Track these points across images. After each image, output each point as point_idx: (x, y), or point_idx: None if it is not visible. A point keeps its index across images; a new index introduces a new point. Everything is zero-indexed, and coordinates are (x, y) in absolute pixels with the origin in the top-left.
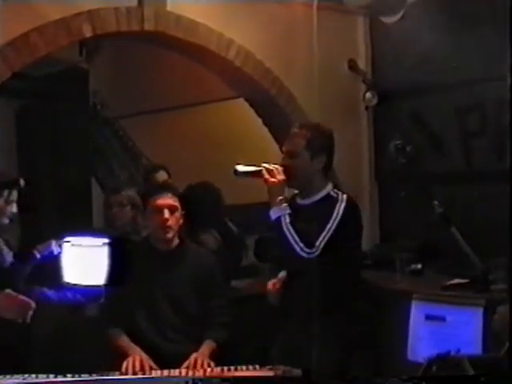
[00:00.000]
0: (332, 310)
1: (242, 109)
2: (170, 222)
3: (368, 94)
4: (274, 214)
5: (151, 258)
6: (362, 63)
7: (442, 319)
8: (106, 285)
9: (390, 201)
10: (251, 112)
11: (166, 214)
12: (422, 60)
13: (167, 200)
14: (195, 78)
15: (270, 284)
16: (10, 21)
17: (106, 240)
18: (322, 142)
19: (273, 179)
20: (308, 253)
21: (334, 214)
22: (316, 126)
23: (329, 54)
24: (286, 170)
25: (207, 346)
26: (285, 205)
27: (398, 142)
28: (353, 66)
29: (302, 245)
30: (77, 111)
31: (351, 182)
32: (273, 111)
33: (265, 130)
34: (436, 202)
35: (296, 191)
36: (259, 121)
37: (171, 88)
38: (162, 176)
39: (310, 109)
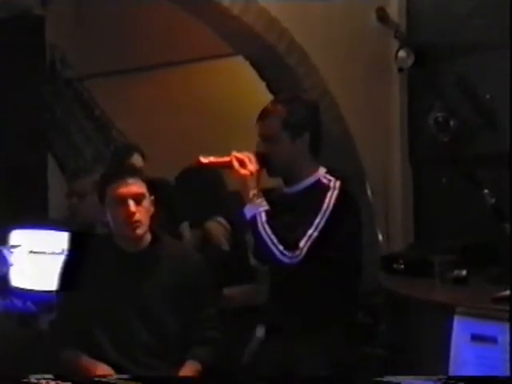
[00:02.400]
0: (319, 328)
1: (241, 69)
2: (137, 216)
3: (401, 53)
4: (248, 211)
5: (116, 260)
6: (393, 13)
7: (492, 340)
8: (60, 291)
9: (427, 189)
10: (252, 74)
11: (132, 205)
12: (473, 9)
13: (131, 187)
14: (180, 29)
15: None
16: None
17: (64, 235)
18: (302, 118)
19: (244, 170)
20: (289, 257)
21: (324, 206)
22: (292, 98)
23: (352, 0)
24: (264, 158)
25: (189, 368)
26: (260, 200)
27: (439, 115)
28: (382, 16)
29: (281, 247)
30: (29, 70)
31: (377, 165)
32: (280, 73)
33: (269, 97)
34: (486, 191)
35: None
36: (262, 85)
37: (150, 42)
38: (135, 159)
39: (328, 71)
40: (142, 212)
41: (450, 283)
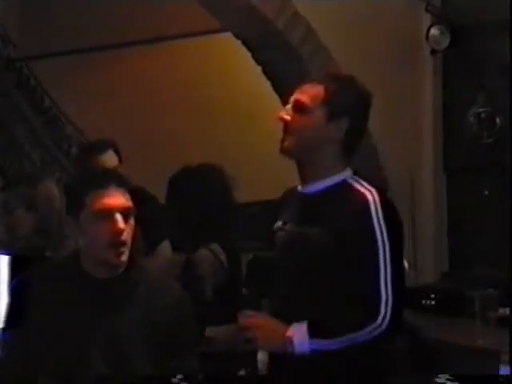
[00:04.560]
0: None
1: (230, 49)
2: (125, 235)
3: (434, 31)
4: (300, 346)
5: (81, 289)
6: None
7: None
8: (4, 329)
9: (465, 204)
10: (244, 55)
11: (119, 219)
12: None
13: (118, 198)
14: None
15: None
16: None
17: (4, 258)
18: (349, 102)
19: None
20: (374, 331)
21: (377, 236)
22: (347, 77)
23: None
24: (288, 128)
25: None
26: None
27: (482, 110)
28: None
29: (359, 333)
30: None
31: (403, 174)
32: (279, 54)
33: (266, 83)
34: None
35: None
36: (257, 69)
37: (116, 16)
38: (109, 159)
39: (342, 52)
40: (128, 232)
41: (492, 324)
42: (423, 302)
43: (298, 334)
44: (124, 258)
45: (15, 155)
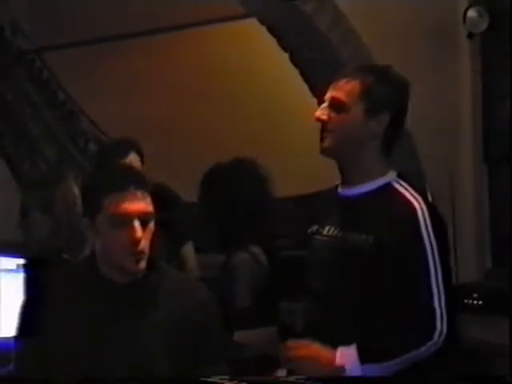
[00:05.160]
0: None
1: (254, 36)
2: (143, 243)
3: (472, 13)
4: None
5: (99, 294)
6: None
7: None
8: (17, 338)
9: (508, 195)
10: (269, 41)
11: (138, 228)
12: None
13: (138, 203)
14: None
15: None
16: None
17: (20, 262)
18: (388, 95)
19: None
20: (431, 347)
21: (427, 249)
22: (383, 68)
23: None
24: (326, 127)
25: None
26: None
27: None
28: None
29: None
30: None
31: (442, 165)
32: (307, 40)
33: (291, 70)
34: None
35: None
36: (284, 56)
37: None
38: (134, 161)
39: (373, 37)
40: (147, 238)
41: None
42: (465, 301)
43: (349, 362)
44: (142, 265)
45: (29, 152)
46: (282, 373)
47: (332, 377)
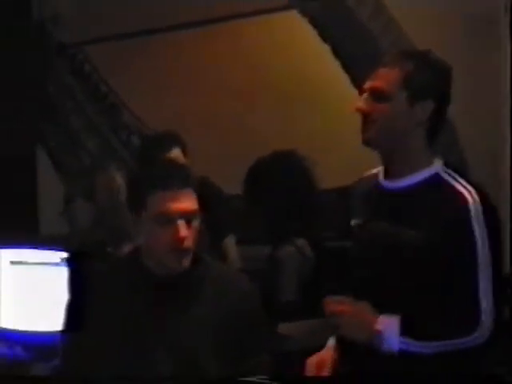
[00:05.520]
0: None
1: (295, 28)
2: (187, 241)
3: None
4: (390, 342)
5: (143, 287)
6: None
7: None
8: (63, 332)
9: None
10: (310, 33)
11: (182, 226)
12: None
13: (183, 201)
14: None
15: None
16: None
17: (64, 255)
18: (428, 79)
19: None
20: (473, 341)
21: (478, 247)
22: (423, 54)
23: None
24: (368, 117)
25: None
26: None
27: None
28: None
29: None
30: (8, 31)
31: (486, 157)
32: (348, 32)
33: (333, 62)
34: None
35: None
36: (324, 47)
37: None
38: (177, 155)
39: (414, 26)
40: (191, 235)
41: None
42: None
43: (389, 329)
44: (186, 262)
45: (71, 145)
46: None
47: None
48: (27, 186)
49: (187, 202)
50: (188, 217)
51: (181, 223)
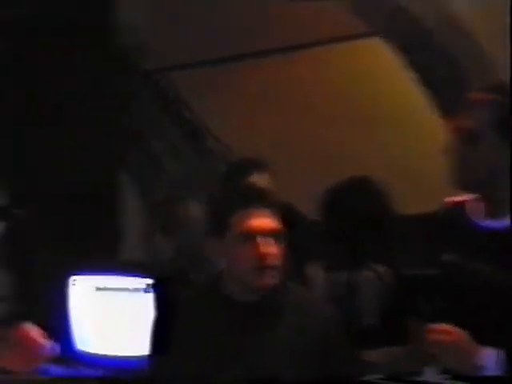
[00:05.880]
0: None
1: (379, 54)
2: (271, 259)
3: None
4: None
5: (224, 313)
6: None
7: None
8: (148, 357)
9: None
10: (394, 60)
11: (263, 243)
12: None
13: (265, 220)
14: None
15: None
16: None
17: (149, 281)
18: None
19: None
20: None
21: None
22: (503, 87)
23: None
24: (459, 162)
25: None
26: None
27: None
28: None
29: None
30: (93, 58)
31: None
32: (432, 58)
33: (417, 88)
34: None
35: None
36: (408, 73)
37: (258, 23)
38: (259, 180)
39: (502, 53)
40: (274, 254)
41: None
42: None
43: (490, 362)
44: (270, 281)
45: (154, 171)
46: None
47: None
48: (110, 213)
49: (268, 221)
50: (270, 235)
51: (262, 240)
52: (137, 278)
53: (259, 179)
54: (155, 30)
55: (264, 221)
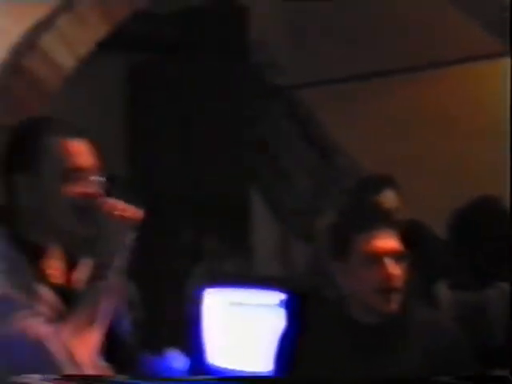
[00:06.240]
0: None
1: None
2: (396, 281)
3: None
4: None
5: (349, 335)
6: None
7: None
8: (276, 371)
9: None
10: None
11: (390, 265)
12: None
13: (389, 241)
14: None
15: None
16: None
17: (282, 297)
18: None
19: None
20: None
21: None
22: None
23: None
24: None
25: None
26: None
27: None
28: None
29: None
30: (227, 75)
31: None
32: None
33: None
34: None
35: None
36: None
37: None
38: (387, 199)
39: None
40: (399, 276)
41: None
42: None
43: None
44: (394, 304)
45: (284, 187)
46: None
47: None
48: (242, 226)
49: (394, 243)
50: (395, 256)
51: (389, 261)
52: (270, 293)
53: (388, 197)
54: (288, 46)
55: (389, 242)
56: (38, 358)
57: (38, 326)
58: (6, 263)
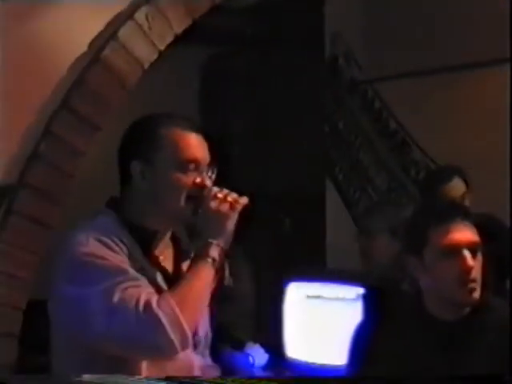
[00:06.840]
0: None
1: None
2: (474, 273)
3: None
4: None
5: (425, 331)
6: None
7: None
8: (349, 366)
9: None
10: None
11: (468, 257)
12: None
13: (465, 233)
14: None
15: None
16: None
17: (360, 291)
18: None
19: None
20: None
21: None
22: None
23: None
24: None
25: None
26: None
27: None
28: None
29: None
30: (302, 68)
31: None
32: None
33: None
34: None
35: None
36: None
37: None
38: (456, 187)
39: None
40: (478, 268)
41: None
42: None
43: None
44: (475, 295)
45: (360, 181)
46: None
47: None
48: (318, 221)
49: (470, 234)
50: (472, 248)
51: (466, 253)
52: (348, 287)
53: (458, 184)
54: (365, 41)
55: (466, 234)
56: (145, 323)
57: (147, 291)
58: (124, 247)
